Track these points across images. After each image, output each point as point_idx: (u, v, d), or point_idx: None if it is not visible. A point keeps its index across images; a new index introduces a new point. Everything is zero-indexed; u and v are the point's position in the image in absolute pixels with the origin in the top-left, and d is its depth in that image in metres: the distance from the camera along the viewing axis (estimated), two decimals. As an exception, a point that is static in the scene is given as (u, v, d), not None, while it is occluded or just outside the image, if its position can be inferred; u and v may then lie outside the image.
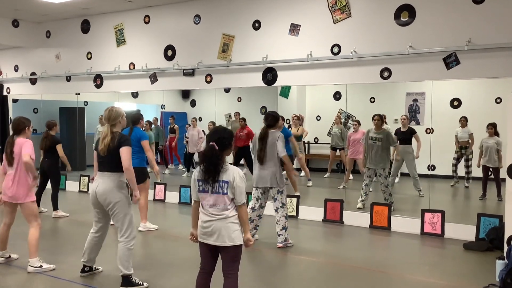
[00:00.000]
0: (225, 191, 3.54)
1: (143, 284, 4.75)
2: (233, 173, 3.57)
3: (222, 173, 3.55)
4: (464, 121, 10.40)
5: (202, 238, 3.62)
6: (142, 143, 6.90)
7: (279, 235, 6.28)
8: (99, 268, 5.21)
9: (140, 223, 7.15)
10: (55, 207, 8.30)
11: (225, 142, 3.62)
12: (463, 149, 10.37)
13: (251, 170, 11.12)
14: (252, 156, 6.48)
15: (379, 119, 8.38)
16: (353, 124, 10.82)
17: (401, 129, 9.59)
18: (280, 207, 6.25)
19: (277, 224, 6.28)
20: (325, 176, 12.23)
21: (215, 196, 3.56)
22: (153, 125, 13.12)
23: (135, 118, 7.11)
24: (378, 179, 8.30)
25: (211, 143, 3.57)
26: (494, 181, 9.23)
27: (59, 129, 8.60)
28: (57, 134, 8.38)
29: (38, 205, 8.33)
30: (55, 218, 8.19)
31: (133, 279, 4.74)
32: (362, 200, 8.34)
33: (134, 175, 4.74)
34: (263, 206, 6.42)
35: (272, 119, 6.30)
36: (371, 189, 8.51)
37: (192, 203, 3.79)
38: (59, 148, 8.08)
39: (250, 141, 10.38)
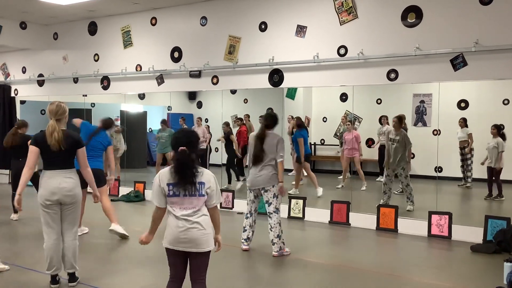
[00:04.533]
0: (202, 193, 3.44)
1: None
2: (208, 175, 3.49)
3: (198, 176, 3.44)
4: (462, 122, 10.42)
5: (174, 244, 3.45)
6: (108, 148, 7.02)
7: (273, 244, 5.92)
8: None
9: (112, 224, 6.85)
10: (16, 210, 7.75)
11: (195, 145, 3.54)
12: (462, 149, 10.38)
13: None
14: (248, 157, 6.19)
15: (397, 121, 8.45)
16: (346, 124, 10.94)
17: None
18: (274, 212, 5.90)
19: (270, 231, 5.92)
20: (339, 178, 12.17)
21: (189, 198, 3.42)
22: (166, 128, 12.89)
23: (108, 123, 7.22)
24: (399, 178, 8.42)
25: (181, 148, 3.43)
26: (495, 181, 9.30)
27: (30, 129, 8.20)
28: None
29: (15, 211, 7.86)
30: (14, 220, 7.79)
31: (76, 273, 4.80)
32: (383, 200, 8.43)
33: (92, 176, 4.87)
34: (256, 210, 6.14)
35: (271, 119, 6.04)
36: (391, 189, 8.51)
37: (156, 210, 3.53)
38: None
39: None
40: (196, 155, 3.51)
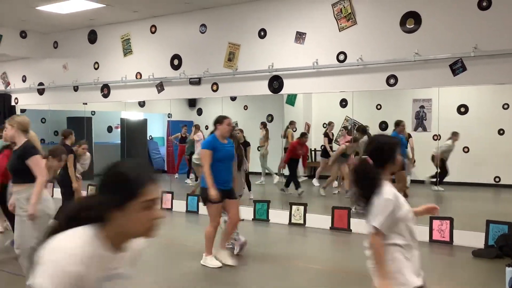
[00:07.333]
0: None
1: None
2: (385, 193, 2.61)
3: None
4: None
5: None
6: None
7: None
8: None
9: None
10: None
11: (383, 154, 2.66)
12: None
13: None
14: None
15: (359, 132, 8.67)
16: (340, 130, 10.97)
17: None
18: None
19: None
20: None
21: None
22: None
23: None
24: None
25: (363, 156, 2.69)
26: None
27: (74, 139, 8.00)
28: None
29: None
30: None
31: None
32: None
33: None
34: None
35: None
36: None
37: (379, 238, 2.62)
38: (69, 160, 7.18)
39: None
40: (383, 167, 2.65)
